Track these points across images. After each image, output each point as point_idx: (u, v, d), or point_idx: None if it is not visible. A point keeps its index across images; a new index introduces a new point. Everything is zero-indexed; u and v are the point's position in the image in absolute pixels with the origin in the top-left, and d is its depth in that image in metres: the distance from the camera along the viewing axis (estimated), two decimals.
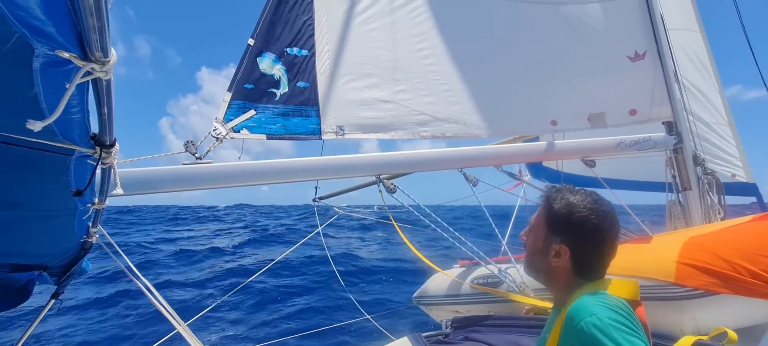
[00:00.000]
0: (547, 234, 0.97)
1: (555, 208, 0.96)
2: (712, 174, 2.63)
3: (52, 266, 1.25)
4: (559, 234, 0.95)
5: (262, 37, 2.11)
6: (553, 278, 0.98)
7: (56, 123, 0.52)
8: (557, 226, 0.95)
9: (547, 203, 0.99)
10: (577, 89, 2.64)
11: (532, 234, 1.01)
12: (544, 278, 1.00)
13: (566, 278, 0.96)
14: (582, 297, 0.87)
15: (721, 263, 1.52)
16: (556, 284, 0.98)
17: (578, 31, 2.65)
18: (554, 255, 0.95)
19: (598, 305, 0.83)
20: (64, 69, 0.48)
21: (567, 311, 0.87)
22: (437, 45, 2.48)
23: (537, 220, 1.01)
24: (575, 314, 0.84)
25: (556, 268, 0.96)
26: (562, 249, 0.94)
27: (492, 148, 2.54)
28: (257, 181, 1.94)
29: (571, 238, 0.94)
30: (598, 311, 0.81)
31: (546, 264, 0.97)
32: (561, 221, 0.95)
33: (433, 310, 2.70)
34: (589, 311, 0.81)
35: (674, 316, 1.61)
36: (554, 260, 0.95)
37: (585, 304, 0.84)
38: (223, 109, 2.02)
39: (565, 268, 0.95)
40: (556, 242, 0.95)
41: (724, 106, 3.91)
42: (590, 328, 0.78)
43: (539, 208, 1.02)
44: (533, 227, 1.01)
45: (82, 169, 0.75)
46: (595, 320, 0.79)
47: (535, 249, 1.00)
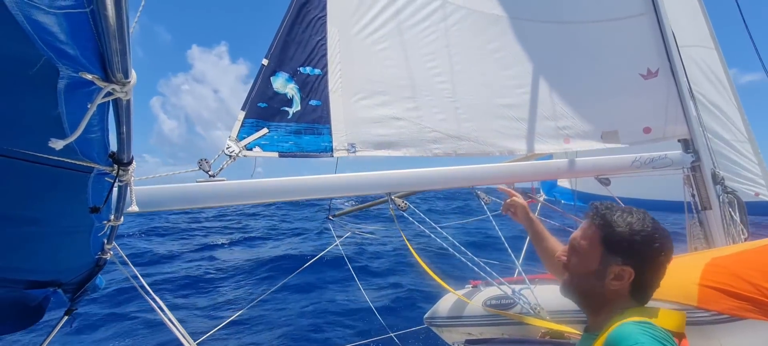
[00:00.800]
0: (605, 255, 0.91)
1: (616, 226, 0.91)
2: (732, 193, 2.56)
3: (67, 282, 1.26)
4: (621, 255, 0.90)
5: (276, 57, 2.15)
6: (606, 301, 0.92)
7: (77, 142, 0.53)
8: (619, 247, 0.90)
9: (603, 221, 0.93)
10: (589, 107, 2.62)
11: (579, 255, 0.96)
12: (594, 302, 0.94)
13: (618, 302, 0.91)
14: (625, 323, 0.82)
15: (746, 286, 1.46)
16: (602, 307, 0.92)
17: (590, 50, 2.65)
18: (614, 278, 0.90)
19: (643, 334, 0.78)
20: (87, 90, 0.50)
21: (606, 338, 0.82)
22: (448, 63, 2.50)
23: (588, 240, 0.95)
24: (618, 341, 0.78)
25: (613, 292, 0.91)
26: (625, 271, 0.90)
27: (505, 166, 2.52)
28: (270, 198, 1.95)
29: (636, 259, 0.90)
30: (644, 340, 0.76)
31: (600, 287, 0.92)
32: (625, 241, 0.90)
33: (445, 332, 2.63)
34: (634, 339, 0.77)
35: (699, 342, 1.54)
36: (614, 283, 0.90)
37: (629, 331, 0.79)
38: (236, 128, 2.05)
39: (622, 291, 0.91)
40: (617, 264, 0.90)
41: (743, 122, 3.83)
42: None
43: (588, 227, 0.96)
44: (581, 248, 0.95)
45: (99, 187, 0.77)
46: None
47: (586, 271, 0.94)
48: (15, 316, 1.21)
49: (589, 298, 0.95)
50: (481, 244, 7.01)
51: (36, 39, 0.39)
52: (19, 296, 1.18)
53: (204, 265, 10.71)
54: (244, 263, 10.98)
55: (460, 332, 2.44)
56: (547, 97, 2.60)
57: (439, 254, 2.44)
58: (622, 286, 0.91)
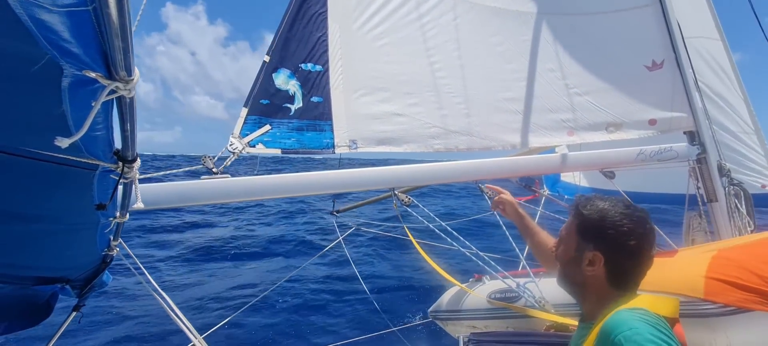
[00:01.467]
0: (579, 242, 0.95)
1: (585, 214, 0.94)
2: (739, 185, 2.53)
3: (75, 278, 1.28)
4: (592, 241, 0.93)
5: (277, 54, 2.15)
6: (587, 289, 0.95)
7: (82, 139, 0.54)
8: (589, 232, 0.93)
9: (576, 210, 0.97)
10: (593, 99, 2.60)
11: (563, 244, 1.00)
12: (578, 289, 0.98)
13: (601, 289, 0.93)
14: (619, 311, 0.84)
15: (752, 278, 1.45)
16: (589, 296, 0.95)
17: (594, 41, 2.62)
18: (588, 263, 0.93)
19: (637, 319, 0.79)
20: (91, 88, 0.50)
21: (602, 326, 0.83)
22: (450, 58, 2.48)
23: (568, 229, 0.99)
24: (612, 328, 0.80)
25: (590, 277, 0.93)
26: (596, 256, 0.92)
27: (508, 160, 2.51)
28: (274, 195, 1.96)
29: (605, 244, 0.91)
30: (638, 326, 0.77)
31: (579, 274, 0.95)
32: (593, 226, 0.93)
33: (449, 325, 2.64)
34: (628, 325, 0.78)
35: (705, 334, 1.54)
36: (588, 269, 0.93)
37: (623, 318, 0.81)
38: (239, 125, 2.06)
39: (599, 277, 0.93)
40: (589, 249, 0.93)
41: (749, 114, 3.79)
42: (629, 342, 0.75)
43: (569, 218, 1.01)
44: (564, 236, 1.00)
45: (105, 184, 0.77)
46: (634, 335, 0.75)
47: (567, 259, 0.98)
48: (24, 313, 1.23)
49: (573, 285, 0.98)
50: (486, 238, 7.02)
51: (39, 37, 0.39)
52: (28, 293, 1.20)
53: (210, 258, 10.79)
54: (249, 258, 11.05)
55: (465, 326, 2.45)
56: (549, 89, 2.58)
57: (444, 248, 2.45)
58: (597, 272, 0.92)
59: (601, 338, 0.82)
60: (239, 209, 12.89)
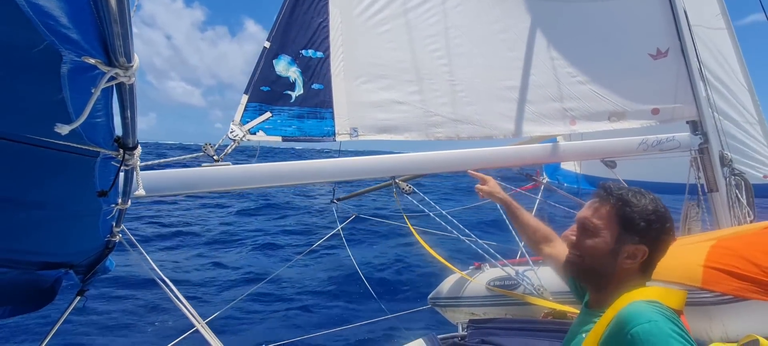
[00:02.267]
0: (621, 234, 0.92)
1: (634, 206, 0.92)
2: (740, 175, 2.53)
3: (78, 264, 1.29)
4: (638, 234, 0.91)
5: (278, 40, 2.13)
6: (613, 279, 0.93)
7: (82, 126, 0.53)
8: (637, 227, 0.91)
9: (620, 200, 0.94)
10: (597, 88, 2.58)
11: (591, 235, 0.95)
12: (602, 279, 0.95)
13: (627, 281, 0.92)
14: (637, 302, 0.83)
15: (750, 268, 1.46)
16: (611, 286, 0.93)
17: (598, 29, 2.59)
18: (627, 256, 0.92)
19: (655, 312, 0.79)
20: (90, 74, 0.50)
21: (617, 315, 0.83)
22: (451, 46, 2.46)
23: (603, 220, 0.94)
24: (629, 318, 0.79)
25: (624, 270, 0.93)
26: (639, 249, 0.92)
27: (509, 149, 2.51)
28: (275, 183, 1.97)
29: (652, 239, 0.92)
30: (658, 318, 0.77)
31: (613, 266, 0.93)
32: (643, 221, 0.91)
33: (449, 312, 2.67)
34: (647, 317, 0.78)
35: (701, 322, 1.55)
36: (627, 262, 0.92)
37: (641, 309, 0.80)
38: (239, 112, 2.05)
39: (633, 270, 0.93)
40: (633, 243, 0.92)
41: (754, 104, 3.76)
42: (649, 335, 0.75)
43: (600, 207, 0.96)
44: (594, 226, 0.95)
45: (106, 171, 0.78)
46: (654, 328, 0.76)
47: (601, 251, 0.94)
48: (29, 297, 1.24)
49: (599, 276, 0.95)
50: (485, 226, 7.05)
51: (38, 23, 0.39)
52: (32, 278, 1.21)
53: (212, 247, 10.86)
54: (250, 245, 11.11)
55: (464, 312, 2.48)
56: (552, 78, 2.55)
57: (443, 236, 2.46)
58: (634, 265, 0.92)
59: (616, 327, 0.81)
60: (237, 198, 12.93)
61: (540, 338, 1.76)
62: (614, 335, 0.81)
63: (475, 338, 1.93)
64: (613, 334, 0.81)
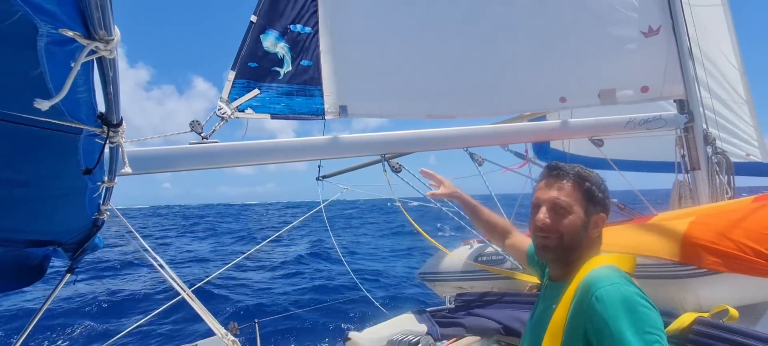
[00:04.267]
0: (588, 207, 1.00)
1: (592, 181, 1.01)
2: (722, 153, 2.58)
3: (66, 242, 1.29)
4: (599, 204, 1.01)
5: (265, 14, 2.07)
6: (582, 251, 1.00)
7: (63, 102, 0.52)
8: (596, 197, 1.00)
9: (579, 177, 1.01)
10: (587, 65, 2.58)
11: (565, 213, 0.99)
12: (574, 253, 1.00)
13: (592, 249, 1.01)
14: (598, 268, 0.91)
15: (726, 243, 1.52)
16: (580, 257, 0.99)
17: (589, 4, 2.56)
18: (594, 227, 1.00)
19: (616, 276, 0.87)
20: (69, 48, 0.48)
21: (581, 282, 0.89)
22: (442, 22, 2.42)
23: (571, 197, 0.99)
24: (593, 282, 0.86)
25: (592, 239, 1.01)
26: (600, 218, 1.01)
27: (498, 127, 2.52)
28: (263, 160, 1.96)
29: (606, 206, 1.02)
30: (619, 281, 0.85)
31: (585, 238, 1.00)
32: (600, 191, 1.01)
33: (438, 286, 2.75)
34: (609, 280, 0.85)
35: (677, 293, 1.63)
36: (594, 231, 1.00)
37: (603, 274, 0.88)
38: (227, 88, 2.01)
39: (596, 238, 1.01)
40: (596, 213, 1.00)
41: (742, 84, 3.81)
42: (611, 296, 0.82)
43: (561, 186, 1.00)
44: (567, 205, 0.98)
45: (90, 148, 0.76)
46: (616, 289, 0.83)
47: (576, 227, 0.98)
48: (18, 274, 1.24)
49: (574, 251, 1.00)
50: None
51: None
52: (20, 255, 1.21)
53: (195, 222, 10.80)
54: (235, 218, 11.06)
55: (452, 286, 2.55)
56: (542, 55, 2.54)
57: (433, 213, 2.49)
58: (598, 232, 1.02)
59: (583, 293, 0.87)
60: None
61: (524, 309, 1.83)
62: (581, 300, 0.87)
63: (462, 310, 2.00)
64: (581, 299, 0.88)
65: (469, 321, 1.91)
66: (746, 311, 1.54)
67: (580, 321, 0.87)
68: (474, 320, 1.91)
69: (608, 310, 0.81)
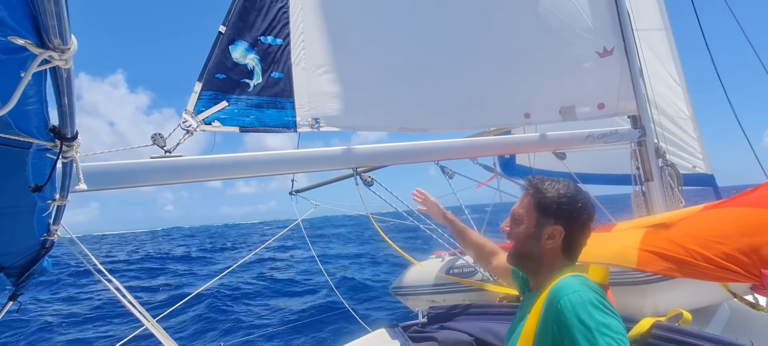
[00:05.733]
0: (539, 218, 1.03)
1: (546, 193, 1.03)
2: (672, 166, 2.78)
3: (10, 266, 1.18)
4: (552, 216, 1.02)
5: (234, 25, 2.04)
6: (543, 261, 1.03)
7: (11, 114, 0.49)
8: (550, 209, 1.02)
9: (535, 189, 1.05)
10: (548, 83, 2.72)
11: (518, 223, 1.06)
12: (534, 263, 1.05)
13: (554, 260, 1.03)
14: (565, 277, 0.94)
15: (678, 250, 1.62)
16: (543, 268, 1.03)
17: (549, 26, 2.71)
18: (548, 237, 1.02)
19: (580, 284, 0.89)
20: (19, 56, 0.45)
21: (549, 290, 0.92)
22: (411, 38, 2.48)
23: (525, 208, 1.06)
24: (558, 291, 0.89)
25: (548, 250, 1.02)
26: (556, 230, 1.02)
27: (467, 140, 2.58)
28: (230, 174, 1.89)
29: (565, 218, 1.02)
30: (581, 289, 0.88)
31: (538, 248, 1.03)
32: (554, 203, 1.02)
33: (410, 300, 2.74)
34: (572, 289, 0.88)
35: (635, 299, 1.71)
36: (548, 242, 1.02)
37: (568, 282, 0.90)
38: (193, 100, 1.94)
39: (555, 249, 1.03)
40: (549, 225, 1.02)
41: (686, 102, 4.14)
42: (572, 304, 0.85)
43: (523, 198, 1.08)
44: (519, 215, 1.06)
45: (41, 164, 0.71)
46: (576, 297, 0.86)
47: (526, 236, 1.05)
48: None
49: (530, 259, 1.06)
50: None
51: None
52: None
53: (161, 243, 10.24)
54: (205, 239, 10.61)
55: (424, 300, 2.55)
56: (507, 72, 2.65)
57: (405, 226, 2.50)
58: (556, 244, 1.03)
59: (548, 300, 0.91)
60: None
61: (496, 320, 1.86)
62: (547, 308, 0.91)
63: (435, 324, 1.99)
64: (547, 308, 0.91)
65: (442, 335, 1.91)
66: (699, 313, 1.64)
67: (547, 330, 0.90)
68: (447, 334, 1.91)
69: (570, 318, 0.84)
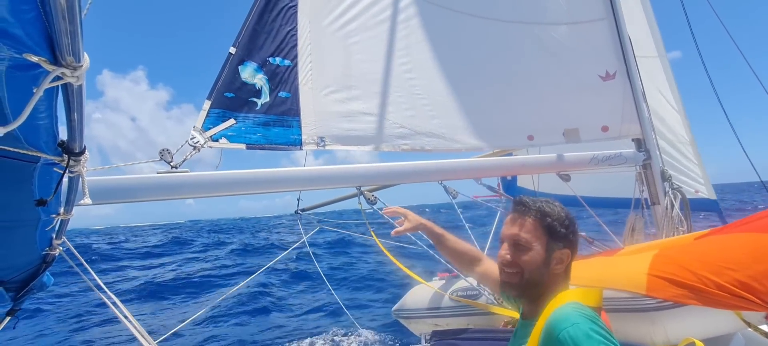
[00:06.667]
0: (549, 243, 0.98)
1: (554, 216, 0.99)
2: (678, 189, 2.76)
3: (9, 280, 1.17)
4: (561, 240, 0.98)
5: (244, 46, 2.08)
6: (548, 288, 0.97)
7: (21, 129, 0.49)
8: (559, 233, 0.98)
9: (541, 213, 0.99)
10: (552, 106, 2.73)
11: (525, 250, 0.98)
12: (538, 291, 0.98)
13: (558, 286, 0.98)
14: (561, 307, 0.89)
15: (689, 276, 1.58)
16: (546, 294, 0.97)
17: (553, 51, 2.75)
18: (557, 262, 0.98)
19: (577, 315, 0.85)
20: (32, 73, 0.46)
21: (546, 321, 0.88)
22: (419, 60, 2.52)
23: (531, 233, 0.98)
24: (557, 323, 0.85)
25: (556, 275, 0.98)
26: (565, 254, 0.98)
27: (471, 161, 2.58)
28: (236, 191, 1.90)
29: (570, 241, 0.99)
30: (579, 320, 0.83)
31: (548, 274, 0.97)
32: (562, 226, 0.98)
33: (412, 323, 2.68)
34: (571, 321, 0.84)
35: (645, 327, 1.66)
36: (557, 267, 0.98)
37: (566, 313, 0.86)
38: (201, 118, 1.97)
39: (561, 274, 0.99)
40: (559, 248, 0.98)
41: (685, 127, 4.13)
42: (572, 338, 0.81)
43: (523, 222, 1.00)
44: (526, 241, 0.98)
45: (47, 178, 0.71)
46: (576, 331, 0.82)
47: (536, 263, 0.97)
48: None
49: (537, 287, 0.99)
50: None
51: None
52: None
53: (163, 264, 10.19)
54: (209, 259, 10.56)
55: (427, 324, 2.49)
56: (511, 95, 2.68)
57: (408, 247, 2.48)
58: (563, 269, 0.99)
59: (547, 333, 0.87)
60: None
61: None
62: (547, 341, 0.86)
63: None
64: (546, 341, 0.87)
65: None
66: (712, 343, 1.59)
67: None
68: None
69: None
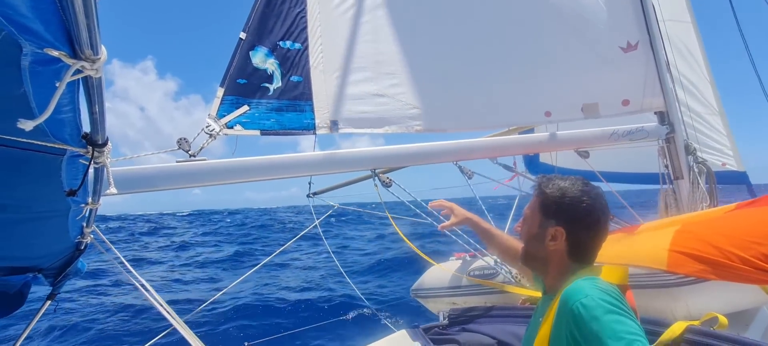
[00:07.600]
0: (542, 219, 1.01)
1: (547, 192, 1.01)
2: (703, 163, 2.66)
3: (47, 267, 1.24)
4: (554, 217, 0.99)
5: (254, 31, 2.08)
6: (550, 263, 1.01)
7: (47, 123, 0.51)
8: (551, 209, 0.99)
9: (539, 189, 1.03)
10: (570, 80, 2.65)
11: (526, 223, 1.05)
12: (541, 264, 1.04)
13: (561, 263, 0.99)
14: (577, 281, 0.90)
15: (712, 250, 1.54)
16: (551, 270, 1.01)
17: (571, 22, 2.65)
18: (550, 239, 0.99)
19: (591, 287, 0.86)
20: (54, 67, 0.47)
21: (561, 295, 0.90)
22: (431, 38, 2.47)
23: (531, 208, 1.05)
24: (569, 296, 0.87)
25: (552, 252, 0.99)
26: (558, 231, 0.98)
27: (487, 140, 2.55)
28: (252, 177, 1.93)
29: (566, 219, 0.98)
30: (592, 292, 0.84)
31: (543, 249, 1.00)
32: (554, 203, 0.99)
33: (431, 302, 2.72)
34: (584, 293, 0.85)
35: (666, 302, 1.64)
36: (551, 243, 0.99)
37: (579, 286, 0.88)
38: (215, 105, 2.00)
39: (560, 251, 0.99)
40: (551, 225, 0.99)
41: (714, 96, 3.95)
42: (583, 308, 0.82)
43: (532, 198, 1.06)
44: (528, 215, 1.05)
45: (74, 169, 0.74)
46: (588, 301, 0.83)
47: (530, 236, 1.03)
48: None
49: (536, 260, 1.04)
50: None
51: None
52: None
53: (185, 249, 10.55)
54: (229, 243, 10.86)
55: (445, 302, 2.53)
56: (528, 70, 2.60)
57: (425, 228, 2.49)
58: (559, 246, 0.99)
59: (561, 306, 0.89)
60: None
61: (517, 323, 1.82)
62: (561, 314, 0.88)
63: (456, 327, 1.97)
64: (560, 313, 0.89)
65: (464, 337, 1.89)
66: (735, 318, 1.56)
67: (562, 335, 0.87)
68: (468, 336, 1.89)
69: (583, 325, 0.81)
